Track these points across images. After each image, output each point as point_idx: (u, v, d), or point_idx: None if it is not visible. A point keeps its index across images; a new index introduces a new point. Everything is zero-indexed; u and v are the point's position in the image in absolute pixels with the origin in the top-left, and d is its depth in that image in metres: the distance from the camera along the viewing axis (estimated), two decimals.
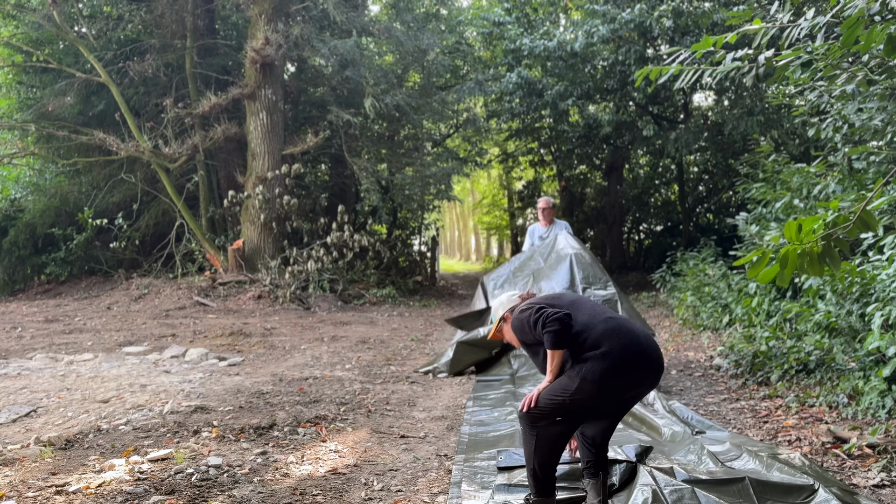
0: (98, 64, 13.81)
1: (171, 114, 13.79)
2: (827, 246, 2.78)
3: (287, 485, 3.59)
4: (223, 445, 4.25)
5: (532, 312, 2.97)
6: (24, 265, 15.31)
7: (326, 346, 8.30)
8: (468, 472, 3.63)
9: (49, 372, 6.62)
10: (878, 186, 3.17)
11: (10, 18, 15.10)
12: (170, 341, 8.61)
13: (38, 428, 4.72)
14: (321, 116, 14.86)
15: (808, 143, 12.23)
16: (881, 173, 6.36)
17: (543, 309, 2.93)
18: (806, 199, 7.75)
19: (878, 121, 5.82)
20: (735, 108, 13.93)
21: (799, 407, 4.85)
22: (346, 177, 16.46)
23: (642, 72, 4.17)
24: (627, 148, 17.88)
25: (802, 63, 4.11)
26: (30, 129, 14.47)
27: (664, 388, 5.74)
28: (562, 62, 14.77)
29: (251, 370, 6.80)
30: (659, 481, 3.02)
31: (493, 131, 20.82)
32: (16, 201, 15.63)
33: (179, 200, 14.00)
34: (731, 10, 10.71)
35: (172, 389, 5.77)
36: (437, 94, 16.38)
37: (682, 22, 12.90)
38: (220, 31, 16.17)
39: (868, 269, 5.46)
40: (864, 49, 3.43)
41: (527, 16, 17.14)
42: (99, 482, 3.55)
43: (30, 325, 10.07)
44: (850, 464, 3.70)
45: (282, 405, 5.28)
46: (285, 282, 12.73)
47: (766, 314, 7.56)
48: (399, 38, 14.58)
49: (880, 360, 4.90)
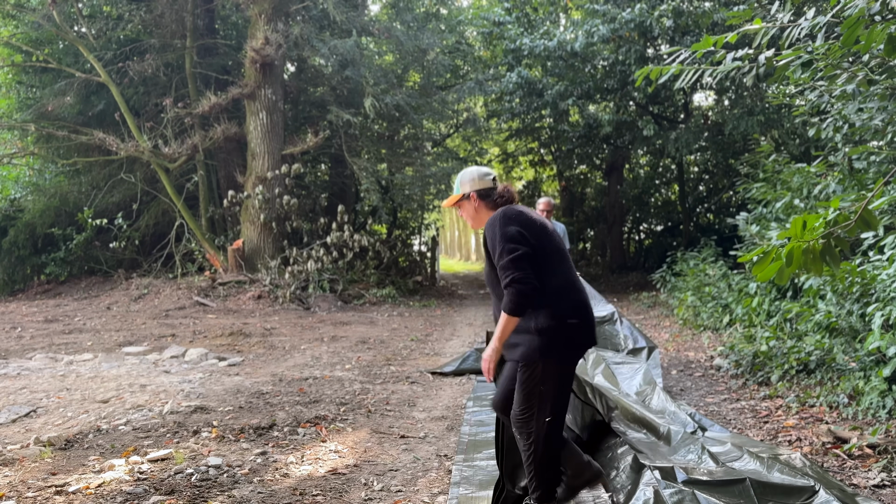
0: (98, 64, 13.81)
1: (170, 114, 13.79)
2: (827, 244, 2.78)
3: (287, 485, 3.59)
4: (223, 445, 4.25)
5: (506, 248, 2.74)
6: (24, 265, 15.31)
7: (326, 347, 8.29)
8: (468, 473, 3.62)
9: (49, 372, 6.61)
10: (878, 186, 3.16)
11: (10, 18, 15.10)
12: (169, 341, 8.61)
13: (38, 428, 4.72)
14: (321, 116, 14.85)
15: (808, 143, 12.22)
16: (881, 173, 6.36)
17: (519, 259, 2.71)
18: (806, 199, 7.75)
19: (878, 121, 5.81)
20: (735, 108, 13.93)
21: (799, 407, 4.84)
22: (346, 177, 16.46)
23: (642, 71, 4.16)
24: (627, 148, 17.88)
25: (803, 63, 4.10)
26: (29, 128, 14.47)
27: (664, 388, 5.74)
28: (562, 62, 14.77)
29: (251, 370, 6.79)
30: (659, 483, 3.01)
31: (493, 131, 20.81)
32: (16, 201, 15.63)
33: (179, 200, 14.00)
34: (731, 10, 10.71)
35: (172, 389, 5.77)
36: (437, 93, 16.38)
37: (683, 22, 12.90)
38: (220, 30, 16.16)
39: (868, 269, 5.46)
40: (865, 49, 3.43)
41: (527, 15, 17.14)
42: (99, 482, 3.54)
43: (29, 325, 10.07)
44: (850, 464, 3.70)
45: (282, 405, 5.28)
46: (285, 282, 12.73)
47: (766, 314, 7.56)
48: (399, 38, 14.58)
49: (881, 360, 4.90)
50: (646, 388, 4.95)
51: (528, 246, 2.76)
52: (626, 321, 6.30)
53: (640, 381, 5.07)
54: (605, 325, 6.11)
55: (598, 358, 5.43)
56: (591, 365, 5.35)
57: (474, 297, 15.92)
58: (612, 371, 5.25)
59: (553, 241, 2.89)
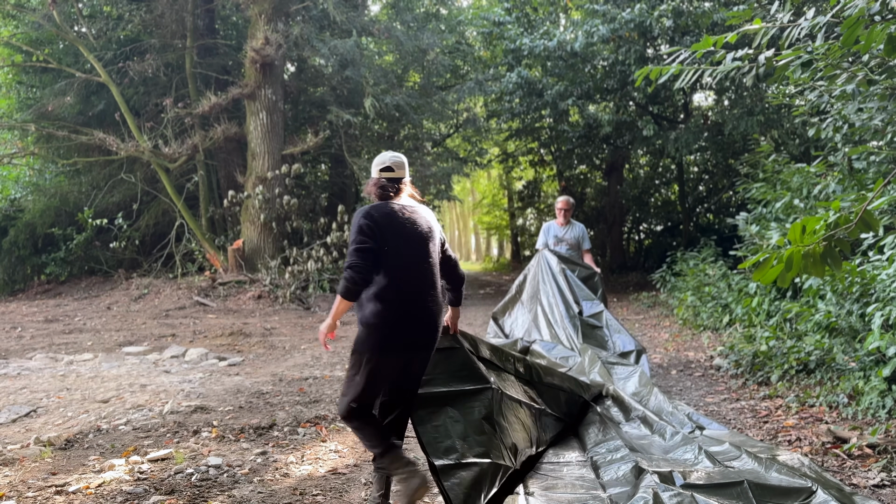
0: (98, 64, 13.82)
1: (170, 114, 13.80)
2: (828, 246, 2.78)
3: (287, 485, 3.59)
4: (223, 445, 4.25)
5: (355, 239, 2.97)
6: (24, 265, 15.31)
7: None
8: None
9: (49, 372, 6.61)
10: (878, 187, 3.16)
11: (10, 18, 15.10)
12: (170, 341, 8.61)
13: (38, 428, 4.72)
14: (321, 116, 14.85)
15: (808, 143, 12.22)
16: (881, 173, 6.36)
17: (360, 251, 2.92)
18: (806, 199, 7.75)
19: (878, 121, 5.81)
20: (735, 108, 13.92)
21: (799, 407, 4.85)
22: (346, 177, 16.46)
23: (642, 72, 4.17)
24: (627, 148, 17.87)
25: (802, 63, 4.10)
26: (30, 128, 14.47)
27: (664, 388, 5.74)
28: (562, 62, 14.76)
29: (251, 370, 6.80)
30: (658, 487, 3.02)
31: (493, 131, 20.81)
32: (16, 201, 15.63)
33: (179, 200, 14.00)
34: (731, 10, 10.71)
35: (172, 389, 5.77)
36: (437, 93, 16.38)
37: (682, 22, 12.90)
38: (220, 30, 16.16)
39: (868, 269, 5.46)
40: (864, 49, 3.43)
41: (527, 15, 17.13)
42: (99, 482, 3.55)
43: (30, 325, 10.07)
44: (850, 464, 3.70)
45: (282, 405, 5.28)
46: (285, 282, 12.73)
47: (766, 314, 7.56)
48: (399, 38, 14.58)
49: (880, 360, 4.90)
50: (642, 389, 4.97)
51: (374, 242, 2.96)
52: (614, 322, 6.33)
53: (636, 382, 5.10)
54: (595, 331, 6.18)
55: (594, 356, 5.45)
56: (587, 363, 5.37)
57: (474, 296, 15.92)
58: (608, 370, 5.27)
59: (412, 247, 3.04)
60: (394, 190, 3.16)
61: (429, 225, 3.16)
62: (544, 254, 6.79)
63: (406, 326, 3.01)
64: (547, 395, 4.06)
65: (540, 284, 6.59)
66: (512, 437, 3.39)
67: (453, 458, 2.99)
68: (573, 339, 5.90)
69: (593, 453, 3.79)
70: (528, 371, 4.00)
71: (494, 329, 6.76)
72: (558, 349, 5.81)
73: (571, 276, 6.61)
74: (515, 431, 3.46)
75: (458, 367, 3.34)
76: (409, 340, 3.02)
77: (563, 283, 6.49)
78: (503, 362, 3.78)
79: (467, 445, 3.07)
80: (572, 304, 6.31)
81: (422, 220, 3.13)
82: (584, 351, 5.58)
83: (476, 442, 3.12)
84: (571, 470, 3.59)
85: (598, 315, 6.35)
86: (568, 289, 6.45)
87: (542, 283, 6.57)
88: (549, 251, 6.82)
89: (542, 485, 3.35)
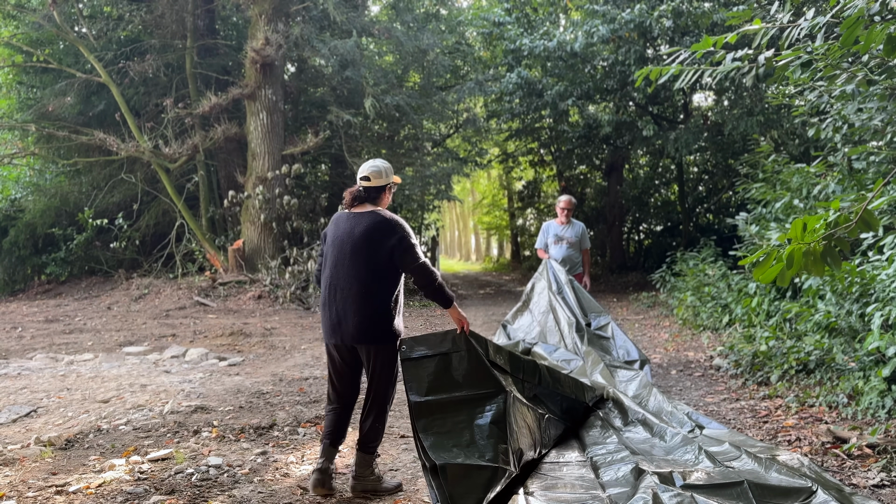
0: (98, 64, 13.82)
1: (171, 114, 13.80)
2: (828, 246, 2.78)
3: (287, 485, 3.59)
4: (223, 445, 4.25)
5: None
6: (25, 265, 15.31)
7: None
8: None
9: (49, 372, 6.62)
10: (878, 186, 3.17)
11: (11, 18, 15.10)
12: (170, 341, 8.61)
13: (39, 428, 4.72)
14: (321, 116, 14.86)
15: (808, 143, 12.22)
16: (881, 173, 6.37)
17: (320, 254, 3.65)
18: (806, 199, 7.75)
19: (877, 121, 5.82)
20: (735, 108, 13.92)
21: (799, 407, 4.85)
22: (346, 177, 16.45)
23: (642, 72, 4.17)
24: (627, 148, 17.87)
25: (802, 63, 4.11)
26: (30, 129, 14.47)
27: (664, 388, 5.75)
28: (562, 62, 14.77)
29: (251, 370, 6.80)
30: (658, 487, 3.02)
31: (493, 131, 20.80)
32: (16, 201, 15.63)
33: (179, 200, 14.01)
34: (731, 10, 10.71)
35: (172, 389, 5.78)
36: (437, 94, 16.38)
37: (682, 22, 12.90)
38: (220, 31, 16.17)
39: (868, 269, 5.47)
40: (864, 49, 3.43)
41: (527, 16, 17.14)
42: (99, 482, 3.55)
43: (30, 325, 10.07)
44: (849, 464, 3.70)
45: (282, 405, 5.28)
46: (285, 282, 12.74)
47: (765, 314, 7.56)
48: (399, 39, 14.58)
49: (880, 360, 4.90)
50: (641, 391, 4.99)
51: (323, 245, 3.65)
52: (620, 334, 6.35)
53: (636, 385, 5.12)
54: (602, 341, 6.19)
55: (597, 358, 5.46)
56: (590, 364, 5.37)
57: (474, 297, 15.92)
58: (610, 372, 5.29)
59: (337, 249, 3.48)
60: (368, 199, 3.55)
61: (366, 232, 3.42)
62: (551, 264, 6.79)
63: (326, 313, 3.49)
64: (551, 399, 4.07)
65: (548, 293, 6.60)
66: (519, 441, 3.39)
67: (458, 461, 3.00)
68: (578, 347, 5.89)
69: (593, 454, 3.79)
70: (535, 374, 4.00)
71: (504, 337, 6.78)
72: (560, 352, 5.82)
73: (579, 288, 6.64)
74: (523, 437, 3.46)
75: (470, 370, 3.38)
76: (329, 325, 3.48)
77: (570, 294, 6.50)
78: (512, 365, 3.79)
79: (473, 450, 3.08)
80: (580, 315, 6.32)
81: (360, 227, 3.43)
82: (588, 354, 5.59)
83: (483, 447, 3.12)
84: (571, 470, 3.59)
85: (605, 327, 6.38)
86: (575, 301, 6.47)
87: (550, 293, 6.57)
88: (553, 262, 6.82)
89: (542, 485, 3.35)
